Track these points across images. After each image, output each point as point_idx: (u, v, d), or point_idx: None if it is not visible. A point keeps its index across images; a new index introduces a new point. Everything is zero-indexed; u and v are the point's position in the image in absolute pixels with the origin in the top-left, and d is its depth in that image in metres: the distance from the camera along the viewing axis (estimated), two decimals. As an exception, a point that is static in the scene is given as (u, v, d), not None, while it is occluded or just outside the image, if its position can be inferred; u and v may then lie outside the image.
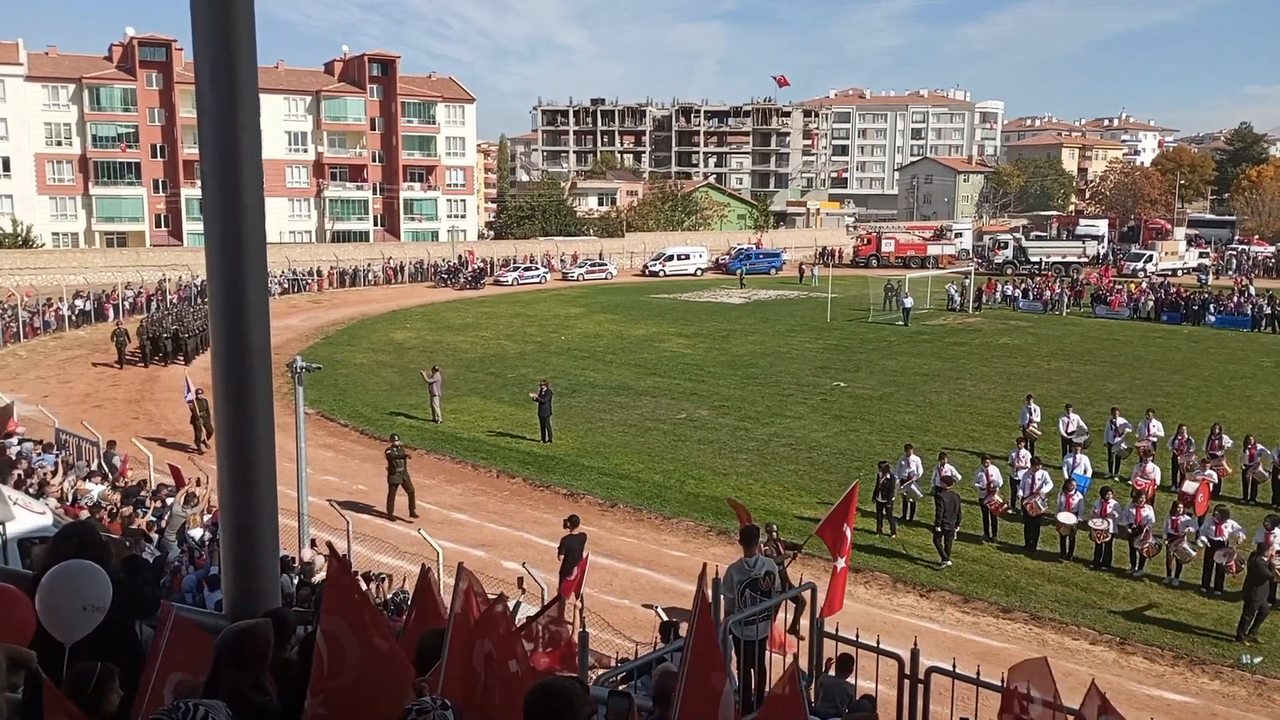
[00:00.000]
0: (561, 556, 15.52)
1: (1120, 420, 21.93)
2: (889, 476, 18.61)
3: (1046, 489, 17.86)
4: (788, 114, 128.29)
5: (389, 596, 13.10)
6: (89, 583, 3.90)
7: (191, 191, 72.35)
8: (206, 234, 4.11)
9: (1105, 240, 77.02)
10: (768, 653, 8.58)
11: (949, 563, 16.91)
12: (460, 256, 66.77)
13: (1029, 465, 18.70)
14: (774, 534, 14.88)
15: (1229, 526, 15.74)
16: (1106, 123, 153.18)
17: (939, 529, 17.12)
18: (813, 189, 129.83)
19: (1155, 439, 21.30)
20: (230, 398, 4.12)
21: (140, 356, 35.64)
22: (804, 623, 8.19)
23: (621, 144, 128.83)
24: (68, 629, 3.79)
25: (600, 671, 8.47)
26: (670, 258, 69.99)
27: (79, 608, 3.80)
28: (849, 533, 8.70)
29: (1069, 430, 22.02)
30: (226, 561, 4.28)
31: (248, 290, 4.04)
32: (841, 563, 8.71)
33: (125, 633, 4.28)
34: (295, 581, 12.49)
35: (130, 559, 5.99)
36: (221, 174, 3.99)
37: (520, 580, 14.35)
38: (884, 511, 18.58)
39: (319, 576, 13.26)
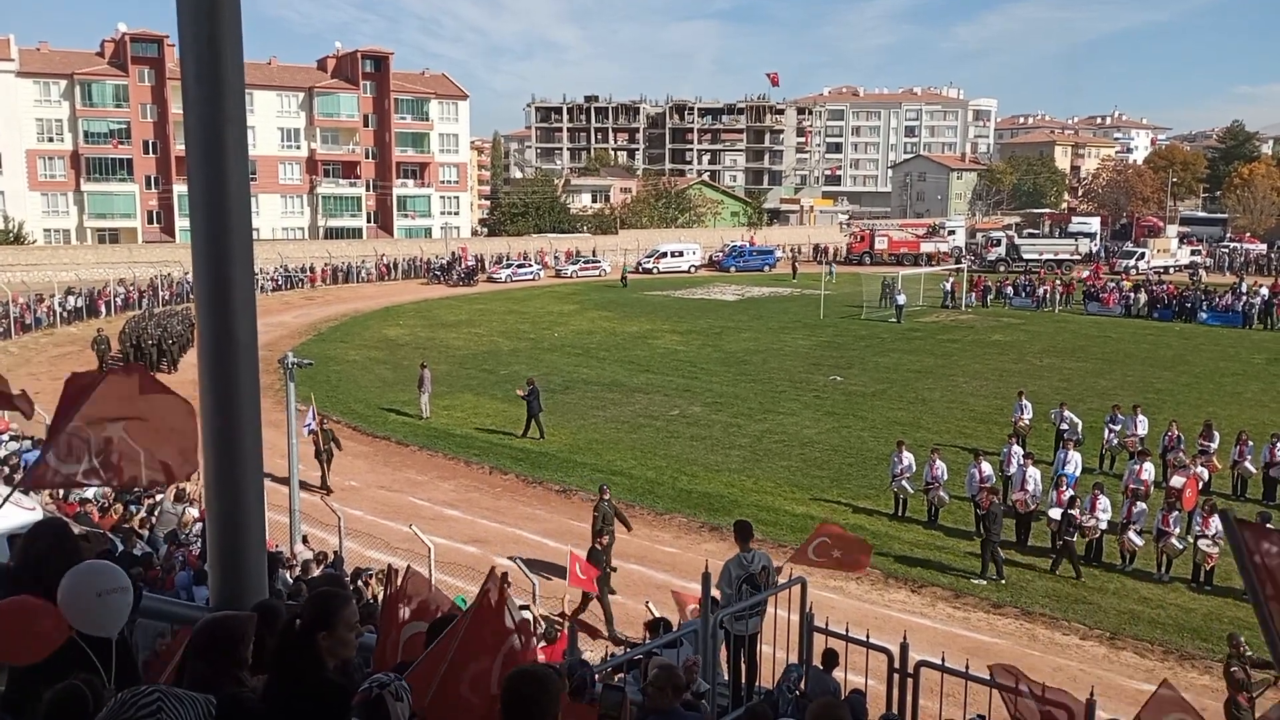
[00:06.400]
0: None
1: (1121, 417, 22.04)
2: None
3: (1036, 486, 17.93)
4: (781, 111, 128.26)
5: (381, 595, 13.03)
6: (96, 573, 3.84)
7: (184, 187, 71.76)
8: (192, 227, 4.10)
9: (1098, 238, 77.32)
10: (758, 646, 8.60)
11: (1003, 579, 16.12)
12: (453, 253, 66.66)
13: (1020, 461, 18.79)
14: (1241, 646, 11.35)
15: (1216, 521, 15.80)
16: (1099, 121, 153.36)
17: (983, 540, 16.60)
18: (806, 186, 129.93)
19: (1143, 435, 21.43)
20: (216, 391, 4.12)
21: (123, 364, 34.56)
22: (794, 618, 8.19)
23: (615, 141, 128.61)
24: (95, 623, 3.74)
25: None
26: (664, 255, 70.06)
27: (94, 595, 3.74)
28: None
29: (1062, 427, 22.07)
30: (213, 555, 4.27)
31: (233, 283, 4.03)
32: None
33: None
34: (293, 577, 12.47)
35: (104, 554, 5.95)
36: (207, 167, 3.98)
37: (505, 574, 14.38)
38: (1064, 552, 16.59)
39: (315, 572, 13.26)
